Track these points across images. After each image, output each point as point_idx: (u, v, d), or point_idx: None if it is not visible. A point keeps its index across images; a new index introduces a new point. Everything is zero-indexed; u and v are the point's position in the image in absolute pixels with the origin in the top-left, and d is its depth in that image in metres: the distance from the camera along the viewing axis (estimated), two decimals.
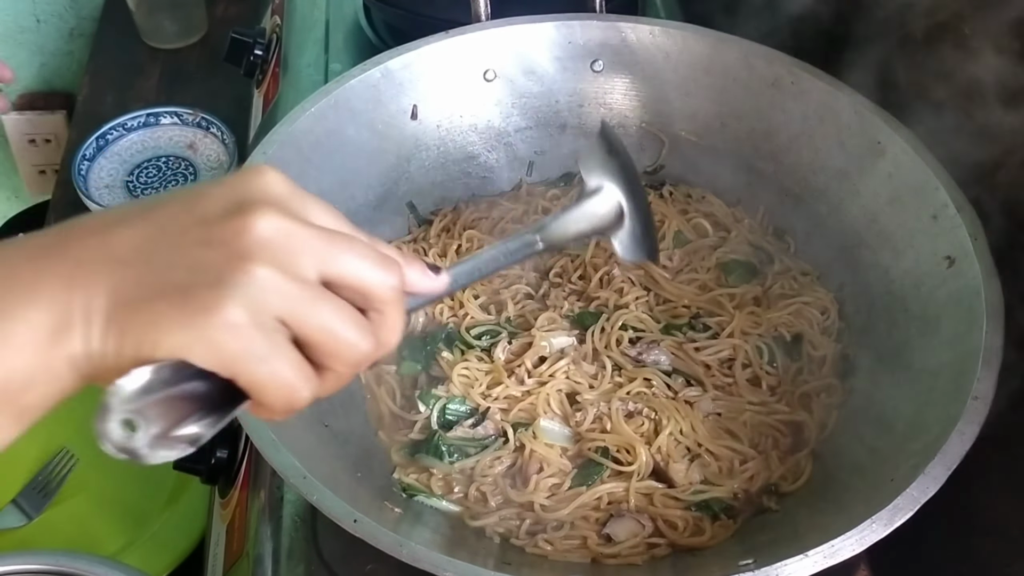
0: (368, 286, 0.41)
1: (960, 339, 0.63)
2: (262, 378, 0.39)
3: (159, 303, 0.38)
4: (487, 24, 0.83)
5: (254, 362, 0.38)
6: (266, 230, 0.39)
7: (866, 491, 0.59)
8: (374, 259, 0.42)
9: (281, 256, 0.39)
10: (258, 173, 0.42)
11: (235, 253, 0.39)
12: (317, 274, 0.40)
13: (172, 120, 1.31)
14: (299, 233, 0.40)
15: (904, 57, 0.76)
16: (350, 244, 0.42)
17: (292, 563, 0.66)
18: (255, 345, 0.38)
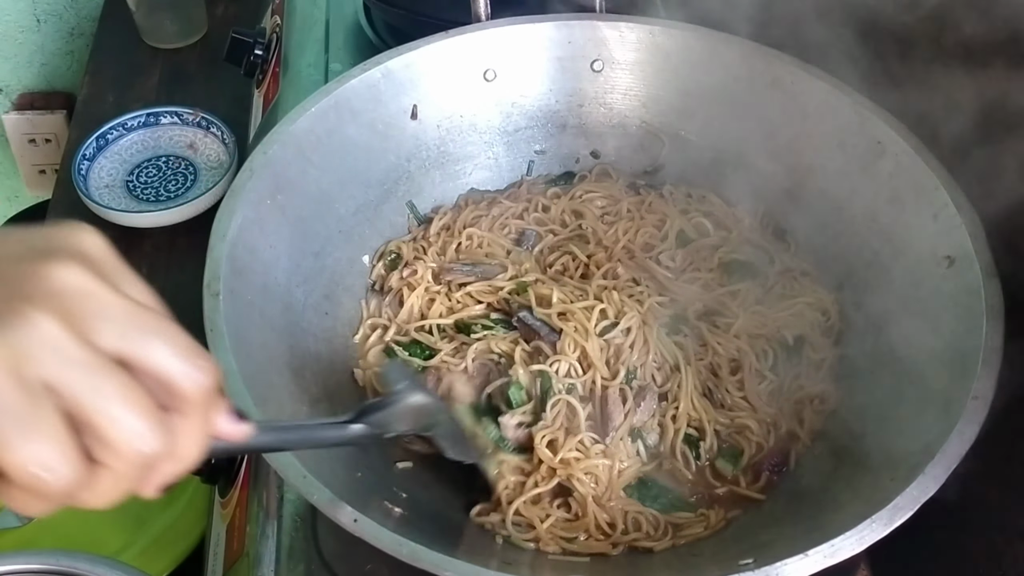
0: (174, 378, 0.35)
1: (960, 339, 0.63)
2: (14, 443, 0.32)
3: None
4: (487, 24, 0.83)
5: (7, 422, 0.32)
6: (66, 282, 0.34)
7: (866, 491, 0.59)
8: (188, 349, 0.36)
9: (75, 314, 0.33)
10: (76, 228, 0.37)
11: (20, 295, 0.33)
12: (114, 348, 0.34)
13: (172, 120, 1.31)
14: (105, 297, 0.34)
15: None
16: (162, 325, 0.36)
17: (292, 563, 0.66)
18: (7, 400, 0.32)
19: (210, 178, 1.25)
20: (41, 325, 0.33)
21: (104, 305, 0.34)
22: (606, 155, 0.89)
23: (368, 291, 0.80)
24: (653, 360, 0.72)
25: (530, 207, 0.85)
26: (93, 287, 0.34)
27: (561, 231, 0.84)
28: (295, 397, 0.67)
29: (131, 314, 0.35)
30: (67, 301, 0.33)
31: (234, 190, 0.69)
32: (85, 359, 0.33)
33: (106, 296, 0.34)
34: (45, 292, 0.33)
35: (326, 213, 0.77)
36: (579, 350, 0.71)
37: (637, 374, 0.71)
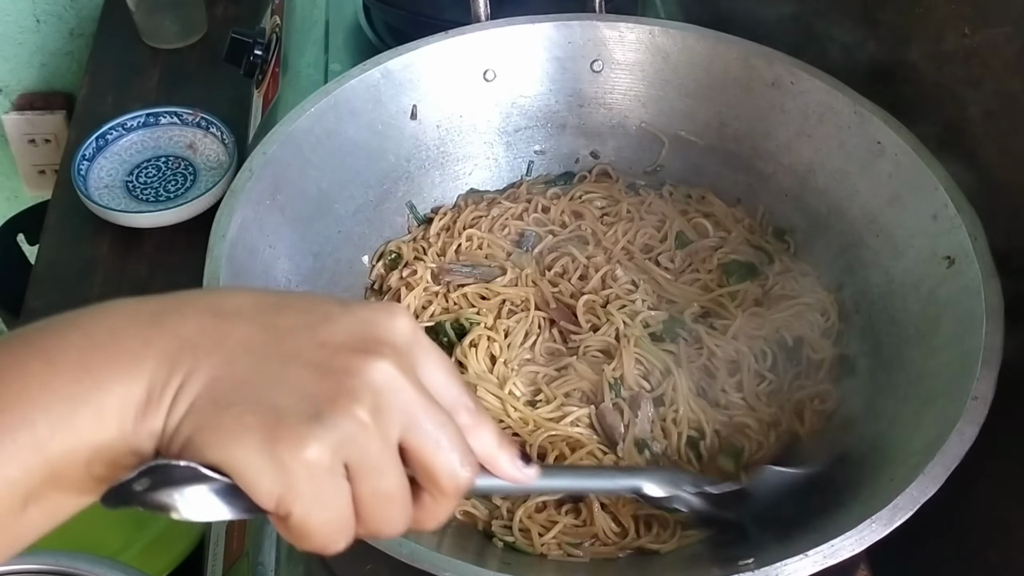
0: (436, 473, 0.40)
1: (960, 339, 0.63)
2: (313, 522, 0.37)
3: (247, 412, 0.36)
4: (487, 24, 0.83)
5: (314, 507, 0.37)
6: (380, 378, 0.38)
7: (866, 491, 0.59)
8: (457, 448, 0.40)
9: (381, 408, 0.38)
10: (392, 314, 0.40)
11: (344, 390, 0.37)
12: (399, 435, 0.39)
13: (172, 120, 1.31)
14: (406, 390, 0.39)
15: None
16: (442, 422, 0.40)
17: (292, 563, 0.66)
18: (324, 491, 0.37)
19: (210, 178, 1.25)
20: (358, 418, 0.37)
21: (403, 398, 0.39)
22: (606, 155, 0.89)
23: (368, 291, 0.80)
24: (636, 369, 0.72)
25: (530, 208, 0.85)
26: (400, 382, 0.39)
27: (561, 232, 0.83)
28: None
29: (421, 408, 0.39)
30: (377, 396, 0.38)
31: (234, 190, 0.69)
32: (378, 453, 0.38)
33: (407, 392, 0.39)
34: (365, 389, 0.38)
35: (326, 213, 0.77)
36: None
37: (621, 388, 0.71)
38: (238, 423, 0.36)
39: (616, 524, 0.66)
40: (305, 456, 0.36)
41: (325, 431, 0.36)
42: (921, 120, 0.74)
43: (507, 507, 0.66)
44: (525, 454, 0.45)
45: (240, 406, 0.36)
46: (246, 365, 0.37)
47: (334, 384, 0.37)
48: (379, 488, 0.38)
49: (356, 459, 0.37)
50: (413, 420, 0.39)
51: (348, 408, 0.37)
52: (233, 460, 0.36)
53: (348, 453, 0.37)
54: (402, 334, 0.40)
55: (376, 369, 0.38)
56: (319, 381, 0.37)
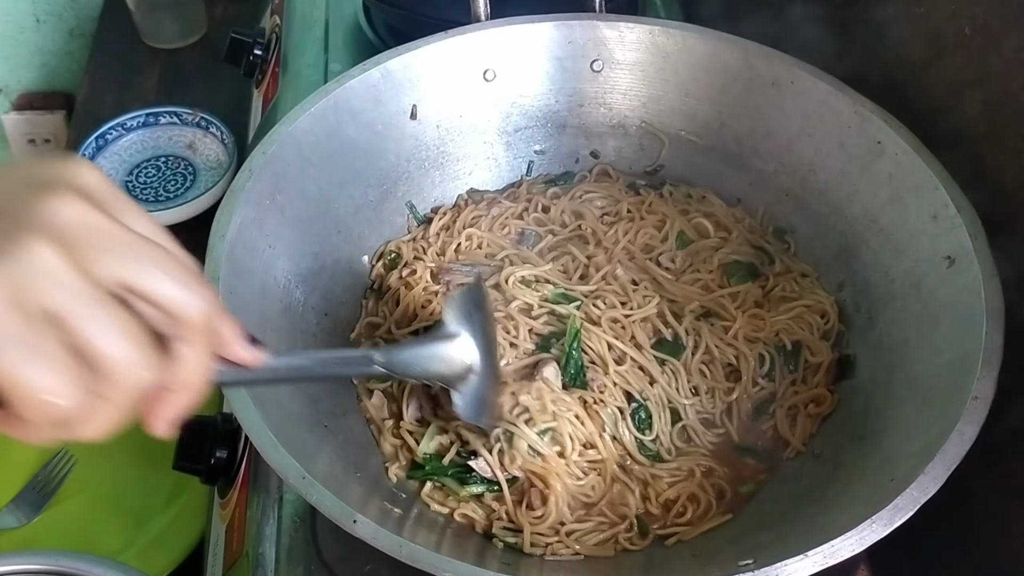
0: (174, 305, 0.36)
1: (960, 339, 0.63)
2: (13, 368, 0.32)
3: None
4: (487, 24, 0.83)
5: (7, 347, 0.32)
6: (65, 214, 0.34)
7: (866, 491, 0.59)
8: (187, 277, 0.36)
9: (76, 246, 0.34)
10: (74, 161, 0.37)
11: (19, 226, 0.33)
12: (114, 280, 0.35)
13: (171, 120, 1.31)
14: (106, 228, 0.35)
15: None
16: (163, 255, 0.36)
17: (292, 563, 0.66)
18: (12, 330, 0.32)
19: (209, 178, 1.25)
20: (41, 255, 0.33)
21: (103, 236, 0.34)
22: (606, 155, 0.89)
23: (368, 291, 0.80)
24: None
25: (530, 207, 0.85)
26: (93, 219, 0.34)
27: (561, 231, 0.83)
28: (294, 397, 0.67)
29: (129, 245, 0.35)
30: (66, 232, 0.33)
31: (233, 190, 0.69)
32: (82, 289, 0.33)
33: (106, 227, 0.35)
34: (44, 223, 0.33)
35: (326, 213, 0.77)
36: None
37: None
38: None
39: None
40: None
41: (8, 258, 0.32)
42: (921, 120, 0.74)
43: (506, 510, 0.66)
44: (252, 337, 0.41)
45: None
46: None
47: (9, 221, 0.33)
48: (97, 326, 0.34)
49: (58, 300, 0.33)
50: (128, 257, 0.35)
51: (27, 242, 0.33)
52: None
53: (45, 293, 0.33)
54: (92, 179, 0.36)
55: (63, 206, 0.34)
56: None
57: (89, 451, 0.98)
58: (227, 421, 0.77)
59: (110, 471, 0.98)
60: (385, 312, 0.78)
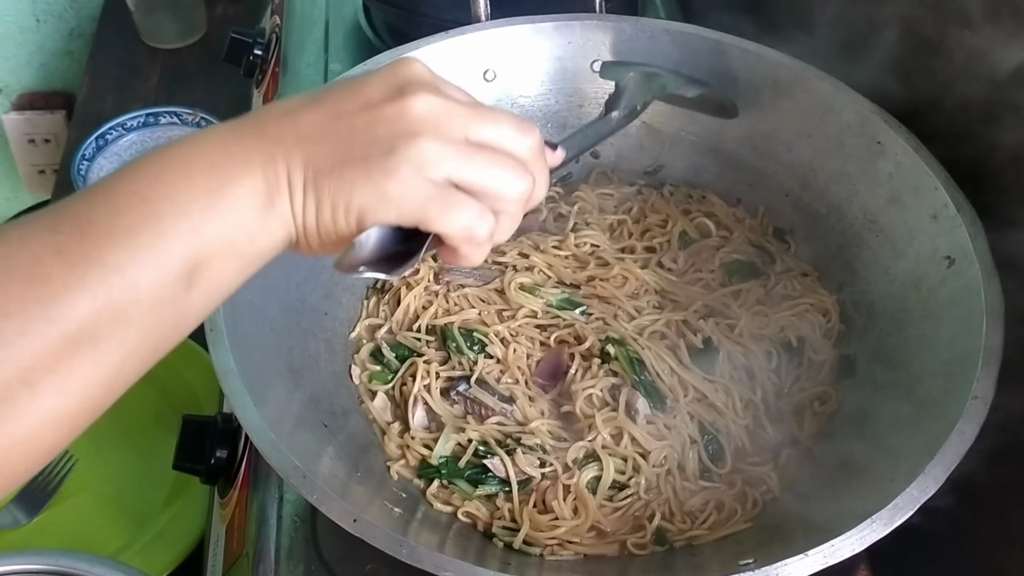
0: (510, 145, 0.48)
1: (960, 339, 0.63)
2: (446, 219, 0.46)
3: (346, 171, 0.45)
4: (487, 24, 0.83)
5: (434, 207, 0.45)
6: (423, 108, 0.46)
7: (866, 491, 0.59)
8: (513, 124, 0.49)
9: (438, 127, 0.46)
10: (407, 63, 0.48)
11: (401, 129, 0.45)
12: (468, 137, 0.47)
13: (171, 120, 1.31)
14: (449, 108, 0.47)
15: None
16: (488, 113, 0.49)
17: (292, 563, 0.66)
18: (431, 194, 0.45)
19: None
20: (425, 147, 0.45)
21: (452, 113, 0.47)
22: (606, 155, 0.89)
23: (369, 290, 0.80)
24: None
25: None
26: (440, 103, 0.47)
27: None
28: (294, 397, 0.67)
29: (470, 112, 0.48)
30: (430, 121, 0.46)
31: None
32: (458, 152, 0.46)
33: (450, 107, 0.47)
34: (416, 120, 0.46)
35: None
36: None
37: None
38: (342, 180, 0.45)
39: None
40: (399, 178, 0.45)
41: (403, 156, 0.45)
42: (921, 120, 0.74)
43: (509, 508, 0.66)
44: (549, 143, 0.54)
45: (337, 168, 0.45)
46: (325, 140, 0.46)
47: (392, 128, 0.46)
48: (479, 168, 0.47)
49: (447, 167, 0.46)
50: (467, 122, 0.47)
51: (411, 139, 0.45)
52: (357, 206, 0.45)
53: (436, 168, 0.45)
54: (423, 72, 0.48)
55: (418, 103, 0.46)
56: (381, 129, 0.46)
57: (89, 451, 0.98)
58: (227, 421, 0.77)
59: (110, 471, 0.98)
60: (386, 312, 0.78)
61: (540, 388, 0.73)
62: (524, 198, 0.49)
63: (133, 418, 1.00)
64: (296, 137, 0.46)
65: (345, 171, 0.45)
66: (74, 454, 0.99)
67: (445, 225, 0.46)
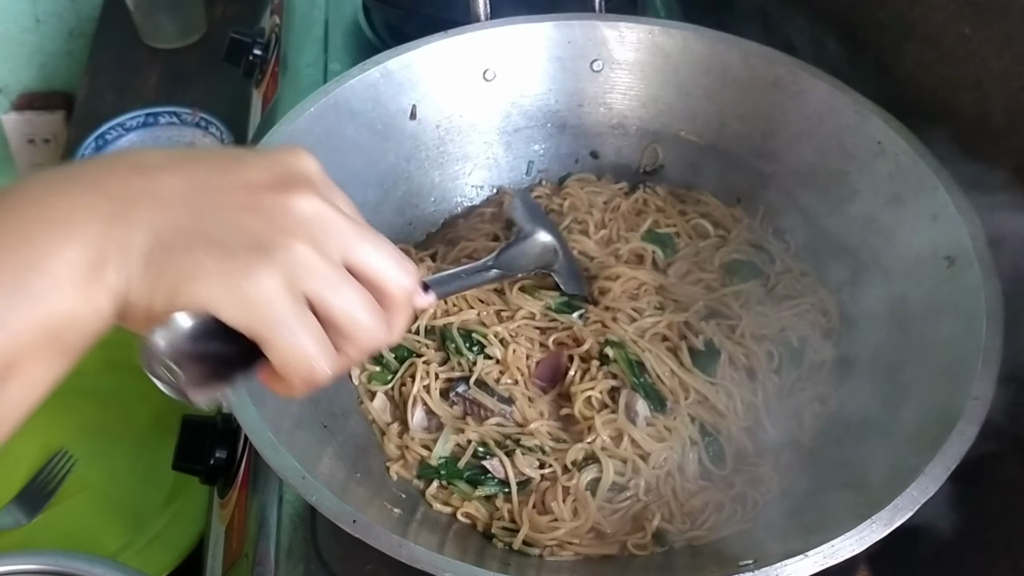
0: (385, 281, 0.44)
1: (960, 339, 0.63)
2: (288, 345, 0.40)
3: (199, 253, 0.39)
4: (487, 24, 0.83)
5: (282, 328, 0.40)
6: (308, 211, 0.42)
7: (866, 491, 0.59)
8: (395, 257, 0.45)
9: (318, 237, 0.41)
10: (298, 154, 0.44)
11: (278, 226, 0.41)
12: (341, 259, 0.42)
13: (171, 120, 1.32)
14: (335, 220, 0.43)
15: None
16: (375, 238, 0.45)
17: (291, 563, 0.66)
18: (286, 312, 0.40)
19: None
20: (298, 251, 0.41)
21: (337, 227, 0.43)
22: (606, 155, 0.89)
23: None
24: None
25: None
26: (324, 211, 0.42)
27: (562, 220, 0.83)
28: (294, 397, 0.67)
29: (352, 230, 0.43)
30: (311, 228, 0.42)
31: None
32: (330, 274, 0.42)
33: (334, 217, 0.43)
34: (296, 221, 0.41)
35: None
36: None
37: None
38: (192, 262, 0.39)
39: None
40: (259, 282, 0.39)
41: (271, 260, 0.40)
42: (921, 120, 0.74)
43: (508, 508, 0.66)
44: (424, 284, 0.50)
45: (189, 248, 0.39)
46: (183, 212, 0.40)
47: (268, 221, 0.41)
48: (343, 302, 0.42)
49: (312, 285, 0.41)
50: (350, 241, 0.43)
51: (286, 242, 0.41)
52: (199, 296, 0.39)
53: (302, 282, 0.41)
54: (313, 169, 0.44)
55: (303, 203, 0.42)
56: (254, 219, 0.41)
57: (89, 451, 0.98)
58: (227, 421, 0.77)
59: (110, 471, 0.98)
60: None
61: (539, 389, 0.73)
62: (373, 346, 0.44)
63: (133, 418, 1.00)
64: (147, 200, 0.40)
65: (198, 253, 0.39)
66: (74, 454, 0.99)
67: (288, 352, 0.40)
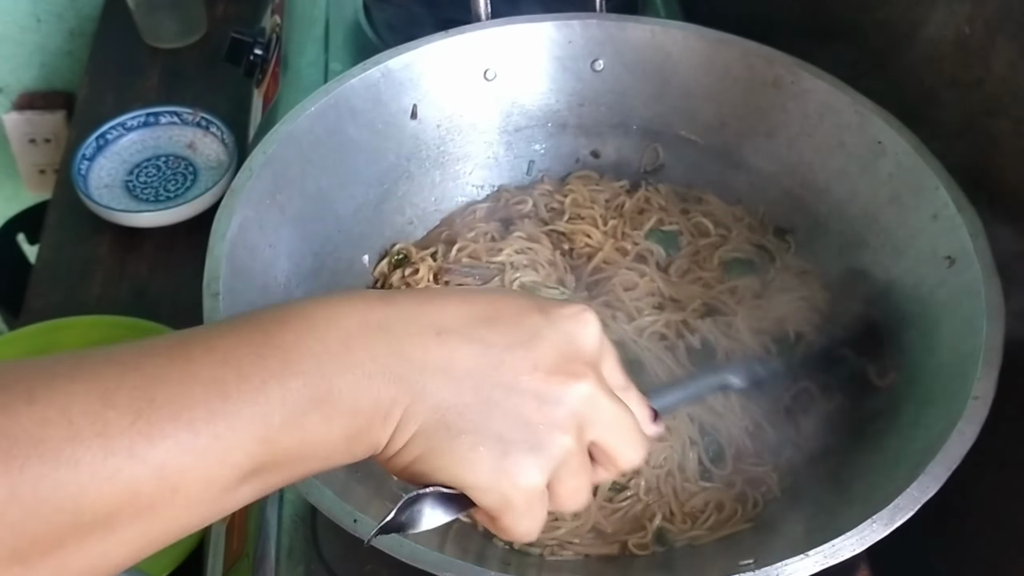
0: (621, 463, 0.46)
1: (960, 339, 0.63)
2: (518, 527, 0.43)
3: (478, 444, 0.41)
4: (487, 24, 0.83)
5: (524, 516, 0.43)
6: (582, 399, 0.43)
7: (866, 491, 0.59)
8: (636, 441, 0.46)
9: (583, 426, 0.43)
10: (586, 324, 0.45)
11: (556, 420, 0.42)
12: (593, 440, 0.44)
13: (172, 120, 1.31)
14: (602, 406, 0.44)
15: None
16: (628, 421, 0.45)
17: (292, 563, 0.66)
18: (535, 505, 0.43)
19: (210, 178, 1.25)
20: (565, 447, 0.42)
21: (600, 412, 0.44)
22: (606, 155, 0.89)
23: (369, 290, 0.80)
24: None
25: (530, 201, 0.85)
26: (597, 398, 0.43)
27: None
28: None
29: (613, 415, 0.44)
30: (580, 417, 0.43)
31: (234, 190, 0.69)
32: (577, 463, 0.43)
33: (602, 403, 0.44)
34: (571, 414, 0.43)
35: (326, 213, 0.77)
36: None
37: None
38: (472, 451, 0.41)
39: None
40: (526, 482, 0.42)
41: (543, 460, 0.42)
42: (920, 120, 0.74)
43: None
44: (654, 410, 0.50)
45: (471, 435, 0.41)
46: (470, 391, 0.41)
47: (548, 413, 0.42)
48: (574, 486, 0.44)
49: (560, 472, 0.43)
50: (607, 426, 0.44)
51: (559, 438, 0.42)
52: (465, 482, 0.41)
53: (555, 469, 0.43)
54: (595, 344, 0.45)
55: (580, 393, 0.43)
56: (537, 410, 0.42)
57: None
58: None
59: None
60: None
61: None
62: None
63: None
64: (441, 371, 0.41)
65: (478, 445, 0.41)
66: None
67: (515, 529, 0.43)
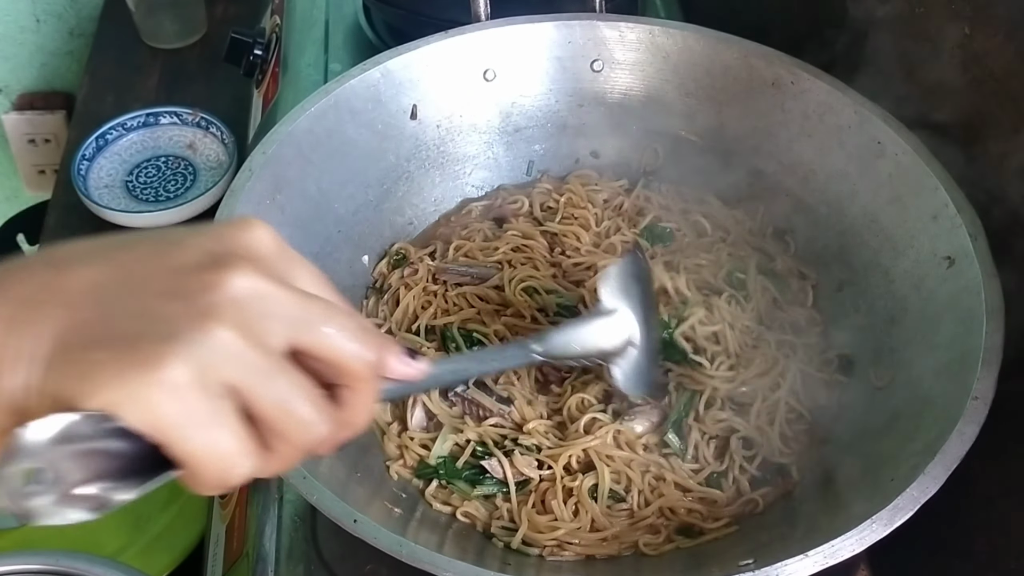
0: (342, 359, 0.39)
1: (960, 339, 0.63)
2: (195, 447, 0.35)
3: (98, 352, 0.34)
4: (487, 24, 0.83)
5: (190, 428, 0.35)
6: (240, 289, 0.36)
7: (866, 491, 0.59)
8: (352, 330, 0.39)
9: (250, 319, 0.36)
10: (246, 227, 0.39)
11: (199, 308, 0.35)
12: (286, 342, 0.37)
13: (171, 120, 1.31)
14: (276, 296, 0.37)
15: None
16: (329, 312, 0.39)
17: (292, 563, 0.66)
18: (194, 410, 0.35)
19: (209, 178, 1.25)
20: (221, 337, 0.35)
21: (275, 304, 0.37)
22: (606, 155, 0.89)
23: (369, 290, 0.80)
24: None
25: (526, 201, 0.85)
26: (266, 288, 0.37)
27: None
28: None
29: (300, 306, 0.38)
30: (242, 308, 0.36)
31: (233, 190, 0.69)
32: (259, 362, 0.36)
33: (277, 295, 0.37)
34: (223, 302, 0.36)
35: (326, 213, 0.77)
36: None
37: None
38: (88, 363, 0.34)
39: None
40: (161, 377, 0.34)
41: (182, 348, 0.34)
42: (920, 120, 0.74)
43: (508, 508, 0.66)
44: (411, 350, 0.44)
45: (87, 348, 0.35)
46: (91, 307, 0.36)
47: (188, 304, 0.36)
48: (275, 396, 0.37)
49: (237, 375, 0.36)
50: (298, 320, 0.37)
51: (206, 325, 0.35)
52: (96, 401, 0.34)
53: (225, 371, 0.35)
54: (263, 244, 0.39)
55: (237, 281, 0.36)
56: (171, 304, 0.36)
57: None
58: None
59: None
60: (385, 312, 0.78)
61: (538, 390, 0.73)
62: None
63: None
64: (54, 300, 0.36)
65: (97, 352, 0.34)
66: None
67: (195, 451, 0.35)
